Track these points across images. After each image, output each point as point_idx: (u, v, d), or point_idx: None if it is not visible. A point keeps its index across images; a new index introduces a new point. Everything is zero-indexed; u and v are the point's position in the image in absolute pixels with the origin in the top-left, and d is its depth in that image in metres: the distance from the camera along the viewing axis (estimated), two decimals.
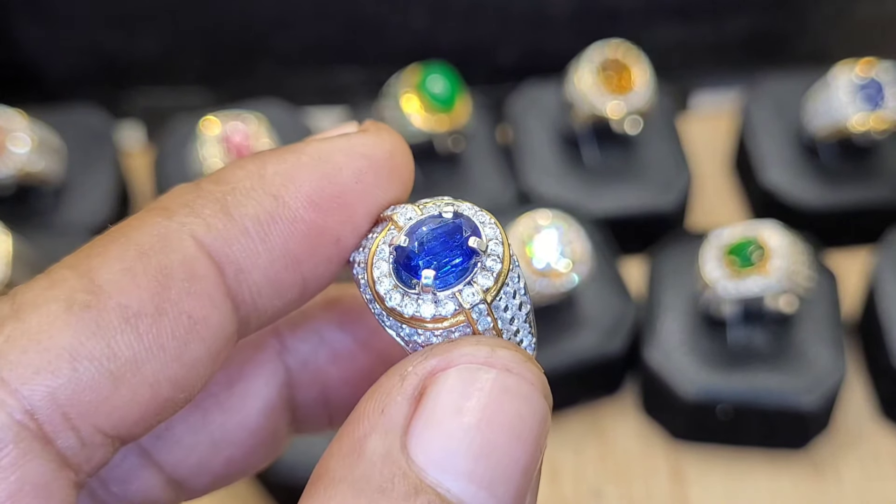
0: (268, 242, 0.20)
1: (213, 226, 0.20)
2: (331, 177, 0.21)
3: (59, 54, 0.61)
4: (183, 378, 0.19)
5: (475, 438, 0.18)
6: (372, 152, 0.21)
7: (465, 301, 0.20)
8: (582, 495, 0.49)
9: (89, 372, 0.18)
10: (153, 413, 0.19)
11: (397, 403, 0.19)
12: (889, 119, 0.53)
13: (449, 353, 0.19)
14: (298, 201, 0.20)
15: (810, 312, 0.50)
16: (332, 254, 0.21)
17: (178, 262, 0.19)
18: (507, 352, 0.19)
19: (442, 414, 0.18)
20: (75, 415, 0.18)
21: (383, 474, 0.18)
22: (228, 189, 0.20)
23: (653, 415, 0.51)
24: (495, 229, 0.21)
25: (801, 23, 0.63)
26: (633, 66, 0.54)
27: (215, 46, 0.62)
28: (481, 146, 0.57)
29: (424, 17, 0.61)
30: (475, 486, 0.18)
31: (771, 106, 0.58)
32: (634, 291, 0.52)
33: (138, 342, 0.18)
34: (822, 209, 0.55)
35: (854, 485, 0.49)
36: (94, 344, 0.18)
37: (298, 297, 0.21)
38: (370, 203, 0.21)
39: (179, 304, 0.19)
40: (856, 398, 0.51)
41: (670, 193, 0.55)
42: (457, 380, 0.19)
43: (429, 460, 0.18)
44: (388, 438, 0.18)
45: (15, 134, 0.52)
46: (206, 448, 0.23)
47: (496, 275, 0.20)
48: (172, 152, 0.56)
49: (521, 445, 0.19)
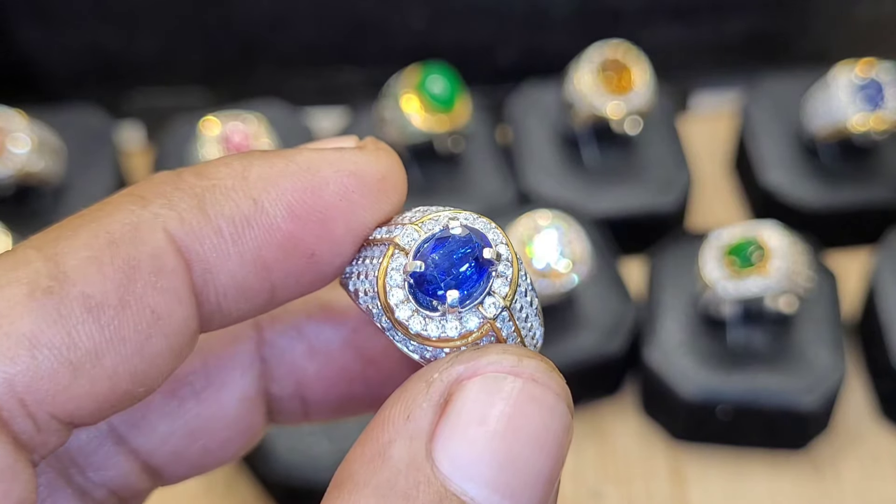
0: (240, 246, 0.20)
1: (186, 221, 0.19)
2: (315, 189, 0.20)
3: (59, 54, 0.61)
4: (143, 372, 0.19)
5: (500, 447, 0.18)
6: (363, 171, 0.21)
7: (488, 313, 0.20)
8: (581, 496, 0.49)
9: (48, 361, 0.18)
10: (110, 404, 0.19)
11: (423, 410, 0.19)
12: (889, 119, 0.53)
13: (476, 361, 0.19)
14: (278, 209, 0.20)
15: (810, 313, 0.50)
16: (304, 267, 0.21)
17: (146, 254, 0.19)
18: (533, 361, 0.19)
19: (467, 422, 0.18)
20: (31, 402, 0.18)
21: (408, 481, 0.18)
22: (209, 185, 0.20)
23: (653, 415, 0.51)
24: (498, 234, 0.21)
25: (801, 24, 0.63)
26: (633, 66, 0.54)
27: (215, 46, 0.62)
28: (481, 146, 0.57)
29: (424, 18, 0.61)
30: (499, 495, 0.18)
31: (771, 106, 0.58)
32: (634, 292, 0.52)
33: (99, 333, 0.18)
34: (822, 209, 0.55)
35: (854, 485, 0.49)
36: (54, 332, 0.18)
37: (265, 303, 0.21)
38: (353, 222, 0.21)
39: (144, 297, 0.19)
40: (856, 398, 0.51)
41: (670, 194, 0.55)
42: (482, 388, 0.19)
43: (453, 468, 0.18)
44: (414, 445, 0.18)
45: (15, 134, 0.52)
46: (181, 437, 0.23)
47: (510, 280, 0.20)
48: (172, 152, 0.56)
49: (545, 455, 0.19)
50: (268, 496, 0.48)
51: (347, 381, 0.25)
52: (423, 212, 0.21)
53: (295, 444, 0.47)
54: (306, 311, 0.25)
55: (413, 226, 0.21)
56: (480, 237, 0.20)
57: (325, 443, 0.47)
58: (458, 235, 0.20)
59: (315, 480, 0.46)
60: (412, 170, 0.55)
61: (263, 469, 0.47)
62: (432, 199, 0.54)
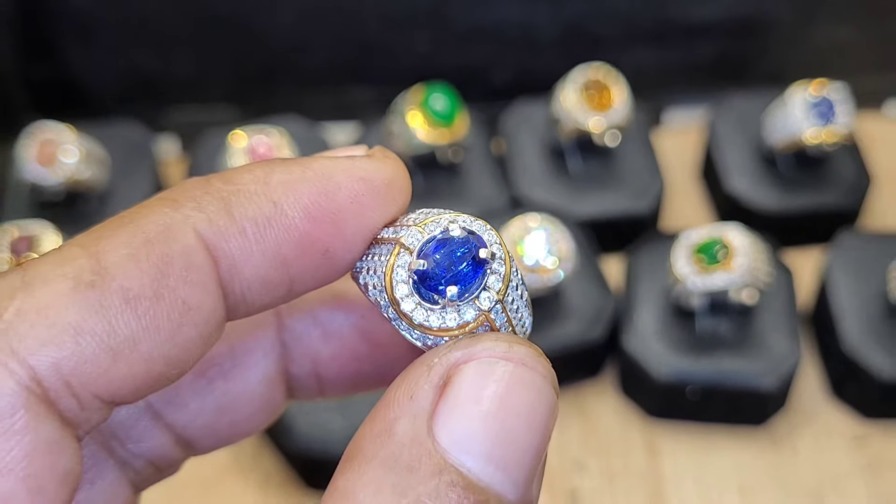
0: (262, 244, 0.20)
1: (214, 222, 0.19)
2: (329, 193, 0.20)
3: (105, 75, 0.61)
4: (175, 357, 0.19)
5: (493, 424, 0.18)
6: (372, 177, 0.21)
7: (483, 305, 0.20)
8: (566, 468, 0.49)
9: (90, 346, 0.18)
10: (147, 385, 0.19)
11: (424, 391, 0.19)
12: (839, 133, 0.53)
13: (471, 347, 0.19)
14: (296, 211, 0.20)
15: (769, 304, 0.50)
16: (319, 262, 0.21)
17: (178, 251, 0.19)
18: (523, 347, 0.19)
19: (464, 401, 0.18)
20: (76, 384, 0.18)
21: (412, 454, 0.18)
22: (234, 189, 0.20)
23: (630, 395, 0.51)
24: (492, 235, 0.21)
25: (762, 48, 0.63)
26: (612, 86, 0.54)
27: (242, 68, 0.62)
28: (478, 157, 0.57)
29: (427, 42, 0.61)
30: (493, 466, 0.18)
31: (734, 121, 0.58)
32: (613, 286, 0.52)
33: (136, 322, 0.18)
34: (780, 213, 0.55)
35: (808, 457, 0.49)
36: (96, 321, 0.18)
37: (285, 294, 0.21)
38: (363, 222, 0.21)
39: (176, 290, 0.19)
40: (810, 380, 0.51)
41: (645, 199, 0.55)
42: (477, 371, 0.19)
43: (452, 442, 0.18)
44: (417, 422, 0.18)
45: (65, 146, 0.52)
46: (211, 412, 0.24)
47: (503, 276, 0.20)
48: (204, 162, 0.56)
49: (533, 432, 0.19)
50: (289, 466, 0.48)
51: (358, 361, 0.25)
52: (425, 214, 0.21)
53: (313, 420, 0.47)
54: (321, 300, 0.25)
55: (417, 227, 0.21)
56: (477, 238, 0.20)
57: (340, 419, 0.46)
58: (457, 237, 0.20)
59: (331, 452, 0.46)
60: (417, 177, 0.55)
61: (285, 442, 0.47)
62: (434, 202, 0.54)
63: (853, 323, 0.49)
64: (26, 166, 0.52)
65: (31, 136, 0.52)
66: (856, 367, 0.48)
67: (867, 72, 0.63)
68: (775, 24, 0.62)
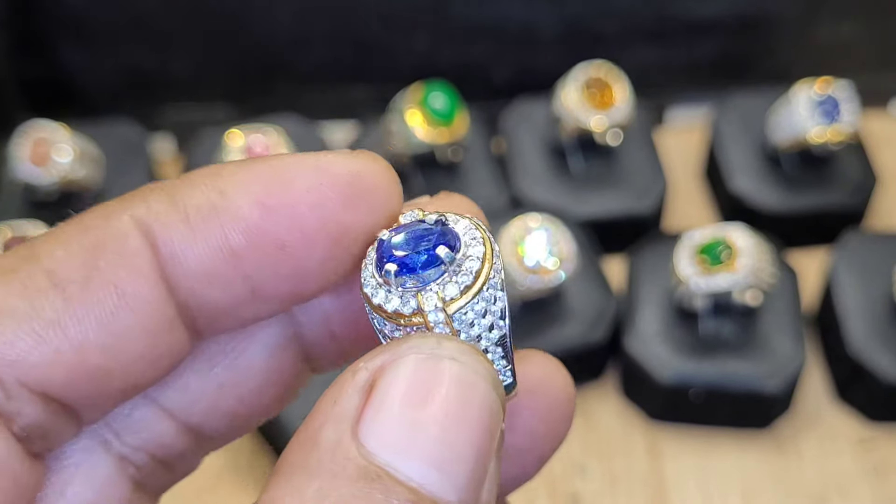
0: (204, 231, 0.19)
1: (153, 209, 0.19)
2: (283, 183, 0.19)
3: (99, 73, 0.61)
4: (113, 346, 0.18)
5: (421, 422, 0.17)
6: (333, 169, 0.19)
7: (422, 302, 0.19)
8: (568, 470, 0.49)
9: (11, 327, 0.17)
10: (84, 377, 0.18)
11: (349, 395, 0.18)
12: (844, 132, 0.53)
13: (398, 348, 0.18)
14: (244, 199, 0.19)
15: (773, 306, 0.49)
16: (277, 259, 0.19)
17: (111, 236, 0.18)
18: (453, 343, 0.18)
19: (390, 402, 0.18)
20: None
21: (335, 459, 0.17)
22: (182, 180, 0.19)
23: (632, 398, 0.51)
24: (480, 248, 0.19)
25: (765, 46, 0.63)
26: (614, 84, 0.54)
27: (239, 66, 0.62)
28: (478, 156, 0.56)
29: (426, 40, 0.61)
30: (424, 465, 0.17)
31: (738, 120, 0.57)
32: (615, 287, 0.51)
33: (63, 305, 0.18)
34: (784, 213, 0.55)
35: (812, 461, 0.49)
36: (17, 302, 0.18)
37: (245, 296, 0.20)
38: (323, 215, 0.19)
39: (107, 273, 0.18)
40: (814, 383, 0.51)
41: (647, 199, 0.55)
42: (404, 370, 0.18)
43: (378, 444, 0.17)
44: (341, 427, 0.17)
45: (59, 145, 0.52)
46: (213, 392, 0.22)
47: (463, 288, 0.19)
48: (200, 162, 0.56)
49: (468, 429, 0.18)
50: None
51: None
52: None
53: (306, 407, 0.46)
54: None
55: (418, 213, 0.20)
56: (453, 239, 0.19)
57: None
58: (429, 226, 0.19)
59: None
60: (416, 177, 0.55)
61: (282, 446, 0.47)
62: None
63: (858, 324, 0.49)
64: (19, 166, 0.52)
65: (25, 135, 0.52)
66: (861, 370, 0.48)
67: (872, 70, 0.62)
68: (778, 21, 0.62)
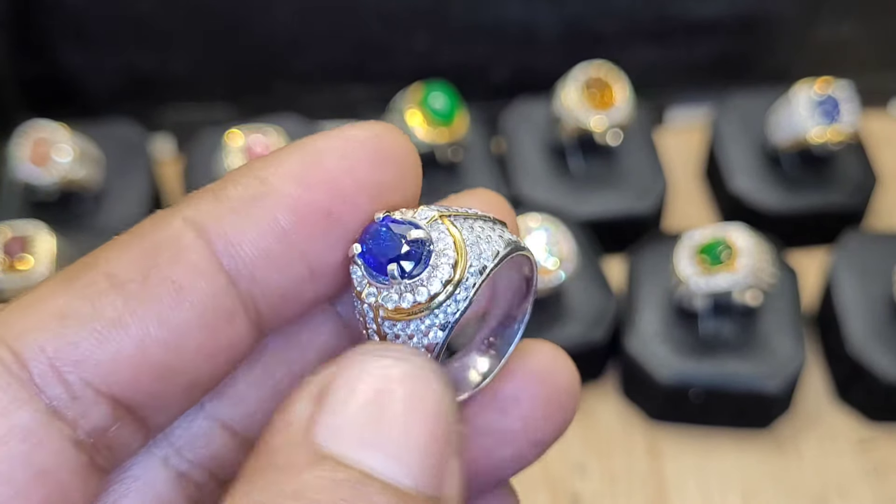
0: (254, 217, 0.19)
1: (201, 208, 0.19)
2: (315, 157, 0.20)
3: (99, 74, 0.61)
4: (173, 341, 0.19)
5: (366, 411, 0.18)
6: (356, 135, 0.20)
7: (364, 297, 0.20)
8: (567, 469, 0.49)
9: (74, 329, 0.18)
10: (147, 374, 0.18)
11: (300, 405, 0.18)
12: (844, 132, 0.53)
13: (345, 356, 0.19)
14: (283, 180, 0.20)
15: (773, 305, 0.49)
16: (325, 227, 0.20)
17: (165, 237, 0.19)
18: (396, 346, 0.19)
19: (340, 400, 0.18)
20: (63, 366, 0.18)
21: (286, 456, 0.17)
22: (222, 181, 0.20)
23: (632, 398, 0.51)
24: (449, 271, 0.19)
25: (765, 46, 0.63)
26: (614, 84, 0.54)
27: (239, 66, 0.62)
28: (478, 156, 0.56)
29: (426, 40, 0.61)
30: (372, 450, 0.17)
31: (738, 120, 0.57)
32: (615, 287, 0.51)
33: (123, 304, 0.18)
34: (784, 213, 0.55)
35: (812, 461, 0.49)
36: (80, 305, 0.18)
37: (307, 275, 0.20)
38: (363, 180, 0.20)
39: (164, 270, 0.19)
40: (814, 383, 0.51)
41: (647, 199, 0.55)
42: (351, 371, 0.18)
43: (328, 436, 0.17)
44: (292, 430, 0.18)
45: (59, 145, 0.52)
46: (271, 402, 0.21)
47: (411, 304, 0.19)
48: (200, 162, 0.56)
49: (418, 418, 0.18)
50: None
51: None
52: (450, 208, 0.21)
53: None
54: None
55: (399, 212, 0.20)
56: (423, 254, 0.19)
57: None
58: (406, 232, 0.20)
59: None
60: None
61: None
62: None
63: (858, 324, 0.49)
64: (19, 166, 0.52)
65: (25, 135, 0.52)
66: (861, 370, 0.48)
67: (872, 70, 0.62)
68: (778, 21, 0.62)
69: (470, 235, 0.20)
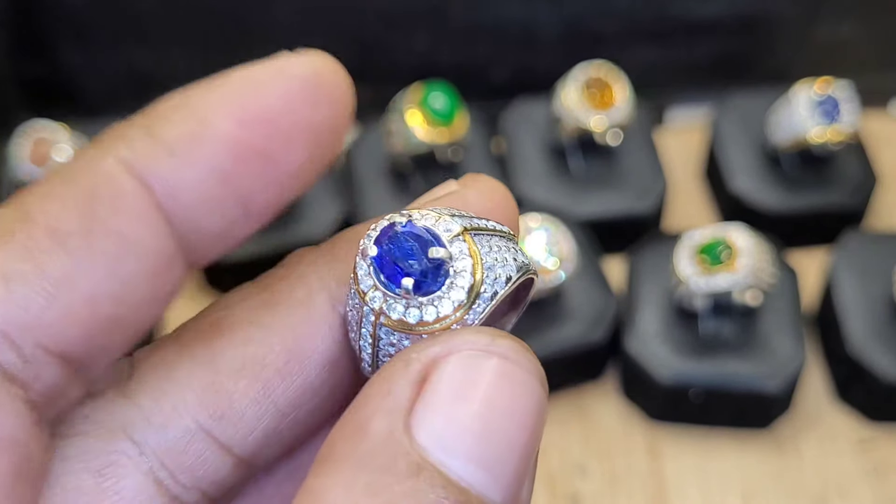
0: (193, 159, 0.19)
1: (136, 148, 0.19)
2: (255, 96, 0.19)
3: (98, 74, 0.61)
4: (121, 293, 0.18)
5: (475, 421, 0.17)
6: (297, 73, 0.20)
7: (368, 299, 0.19)
8: (568, 470, 0.49)
9: (22, 291, 0.17)
10: (97, 329, 0.18)
11: (401, 387, 0.18)
12: (844, 132, 0.53)
13: (451, 341, 0.18)
14: (222, 121, 0.19)
15: (773, 306, 0.50)
16: (263, 169, 0.19)
17: (101, 182, 0.18)
18: (506, 341, 0.18)
19: (444, 398, 0.17)
20: (13, 331, 0.17)
21: (387, 453, 0.17)
22: (155, 117, 0.19)
23: (632, 398, 0.51)
24: (463, 296, 0.19)
25: (765, 46, 0.63)
26: (614, 84, 0.54)
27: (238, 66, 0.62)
28: (477, 156, 0.56)
29: (426, 40, 0.61)
30: (474, 465, 0.17)
31: (738, 120, 0.57)
32: (615, 287, 0.51)
33: (69, 260, 0.17)
34: (784, 213, 0.55)
35: (812, 461, 0.49)
36: (24, 265, 0.17)
37: (242, 216, 0.19)
38: (300, 120, 0.19)
39: (107, 221, 0.18)
40: (814, 383, 0.51)
41: (648, 199, 0.55)
42: (458, 366, 0.18)
43: (431, 441, 0.17)
44: (392, 419, 0.17)
45: (58, 145, 0.52)
46: (271, 418, 0.21)
47: (416, 320, 0.19)
48: None
49: (519, 430, 0.18)
50: None
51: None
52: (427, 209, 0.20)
53: None
54: None
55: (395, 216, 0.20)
56: (431, 235, 0.19)
57: None
58: (400, 225, 0.19)
59: None
60: (415, 177, 0.55)
61: None
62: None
63: (858, 324, 0.49)
64: (19, 165, 0.52)
65: (25, 135, 0.52)
66: (861, 370, 0.48)
67: (872, 70, 0.62)
68: (778, 21, 0.62)
69: (488, 257, 0.19)
